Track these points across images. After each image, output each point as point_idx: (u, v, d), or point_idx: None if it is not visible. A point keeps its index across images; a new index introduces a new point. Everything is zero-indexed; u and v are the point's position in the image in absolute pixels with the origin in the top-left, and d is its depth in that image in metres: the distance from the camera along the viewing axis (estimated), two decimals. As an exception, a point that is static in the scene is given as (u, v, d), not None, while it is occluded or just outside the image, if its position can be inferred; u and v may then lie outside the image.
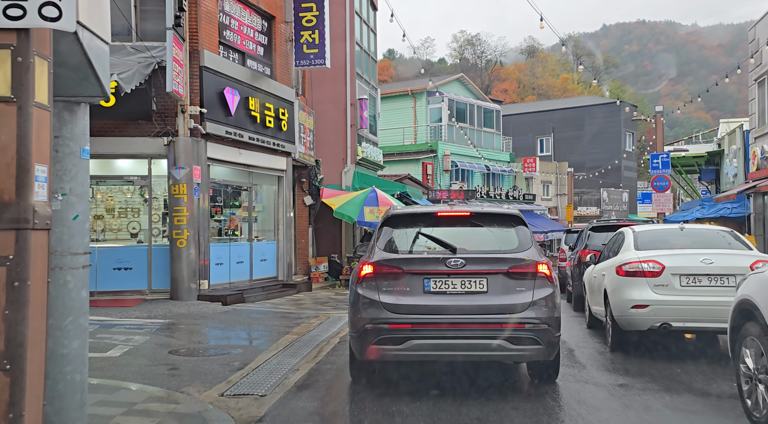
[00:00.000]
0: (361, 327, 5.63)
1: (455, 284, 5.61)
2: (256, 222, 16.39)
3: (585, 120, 51.76)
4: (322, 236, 20.22)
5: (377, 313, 5.57)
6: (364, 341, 5.62)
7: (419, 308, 5.58)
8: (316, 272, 18.74)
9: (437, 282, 5.63)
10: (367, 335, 5.58)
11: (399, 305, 5.57)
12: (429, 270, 5.64)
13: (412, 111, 36.36)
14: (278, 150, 15.98)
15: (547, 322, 5.58)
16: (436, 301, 5.59)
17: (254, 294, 14.23)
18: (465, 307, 5.56)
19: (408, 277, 5.64)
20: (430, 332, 5.54)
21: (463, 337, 5.53)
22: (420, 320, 5.55)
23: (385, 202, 18.27)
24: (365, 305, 5.63)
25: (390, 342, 5.54)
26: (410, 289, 5.62)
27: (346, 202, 18.09)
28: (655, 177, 21.63)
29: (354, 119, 20.57)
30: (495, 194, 35.90)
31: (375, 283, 5.66)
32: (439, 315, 5.56)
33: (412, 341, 5.50)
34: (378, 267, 5.68)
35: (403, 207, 6.86)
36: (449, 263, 5.60)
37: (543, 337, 5.54)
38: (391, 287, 5.64)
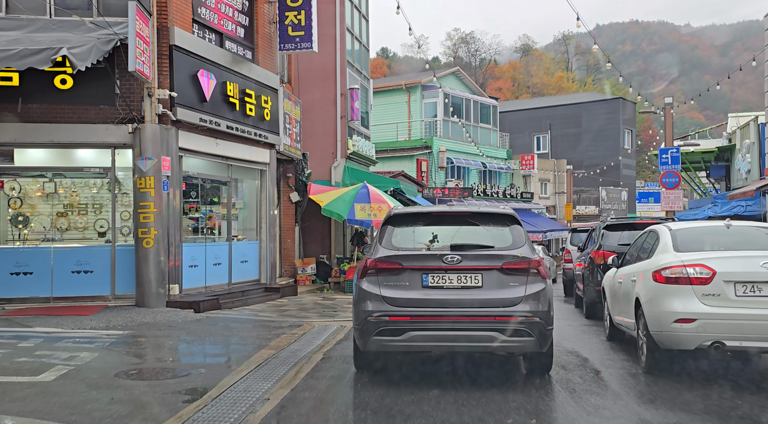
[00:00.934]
0: (363, 319, 5.94)
1: (452, 279, 5.91)
2: (236, 220, 15.03)
3: (583, 117, 50.58)
4: (309, 236, 18.87)
5: (378, 306, 5.88)
6: (366, 333, 5.93)
7: (418, 301, 5.88)
8: (302, 274, 17.39)
9: (435, 277, 5.93)
10: (369, 327, 5.89)
11: (399, 299, 5.89)
12: (427, 266, 5.94)
13: (406, 106, 35.05)
14: (260, 141, 14.62)
15: (539, 315, 5.83)
16: (434, 295, 5.90)
17: (232, 299, 12.86)
18: (461, 301, 5.85)
19: (407, 272, 5.94)
20: (428, 324, 5.84)
21: (459, 329, 5.82)
22: (418, 313, 5.85)
23: (377, 199, 16.96)
24: (368, 299, 5.95)
25: (390, 334, 5.85)
26: (410, 284, 5.93)
27: (335, 199, 16.76)
28: (664, 173, 20.41)
29: (344, 110, 19.23)
30: (492, 192, 34.64)
31: (377, 278, 5.98)
32: (436, 308, 5.85)
33: (411, 332, 5.81)
34: (379, 263, 6.01)
35: (403, 207, 7.16)
36: (446, 260, 5.92)
37: (535, 329, 5.80)
38: (391, 282, 5.95)
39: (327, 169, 19.23)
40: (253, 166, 14.83)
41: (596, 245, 11.99)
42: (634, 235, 11.66)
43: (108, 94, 11.31)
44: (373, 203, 16.75)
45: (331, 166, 19.21)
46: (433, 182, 32.93)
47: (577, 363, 7.42)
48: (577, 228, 18.19)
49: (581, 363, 7.42)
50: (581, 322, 11.50)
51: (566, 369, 7.02)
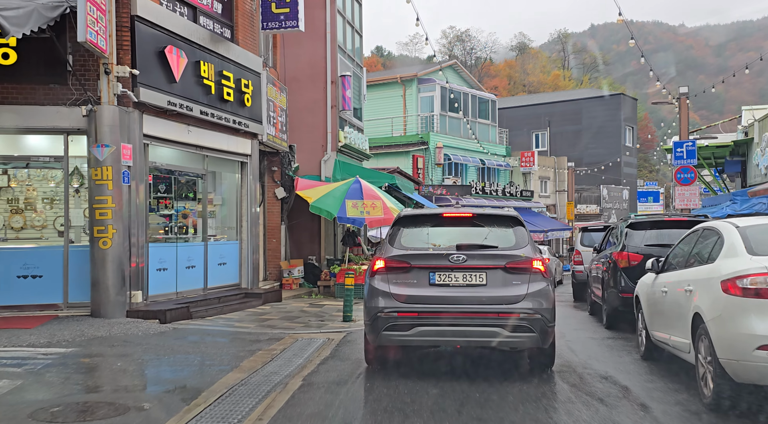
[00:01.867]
0: (373, 315, 6.23)
1: (458, 278, 6.20)
2: (213, 218, 13.54)
3: (583, 114, 49.22)
4: (297, 235, 17.39)
5: (388, 303, 6.16)
6: (376, 328, 6.22)
7: (425, 298, 6.17)
8: (289, 278, 15.90)
9: (441, 275, 6.22)
10: (379, 322, 6.18)
11: (407, 296, 6.17)
12: (434, 265, 6.23)
13: (402, 100, 33.58)
14: (240, 130, 13.13)
15: (541, 312, 6.07)
16: (440, 292, 6.19)
17: (206, 307, 11.37)
18: (466, 298, 6.14)
19: (415, 271, 6.25)
20: (434, 320, 6.11)
21: (463, 324, 6.09)
22: (425, 309, 6.13)
23: (370, 195, 15.49)
24: (378, 296, 6.24)
25: (399, 329, 6.15)
26: (417, 281, 6.22)
27: (324, 195, 15.28)
28: (678, 168, 19.01)
29: (335, 99, 17.75)
30: (491, 190, 33.22)
31: (386, 276, 6.29)
32: (442, 305, 6.13)
33: (418, 327, 6.10)
34: (389, 262, 6.31)
35: (412, 209, 7.79)
36: (452, 259, 6.20)
37: (536, 325, 6.05)
38: (400, 280, 6.24)
39: (316, 163, 17.74)
40: (232, 158, 13.33)
41: (618, 245, 10.55)
42: (663, 234, 10.24)
43: (59, 72, 9.80)
44: (366, 200, 15.29)
45: (320, 159, 17.72)
46: (429, 180, 31.49)
47: (616, 394, 5.96)
48: (588, 227, 16.78)
49: (622, 394, 5.97)
50: (603, 334, 10.06)
51: (607, 404, 5.57)
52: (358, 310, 12.53)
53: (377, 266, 6.40)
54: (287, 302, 13.85)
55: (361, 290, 15.35)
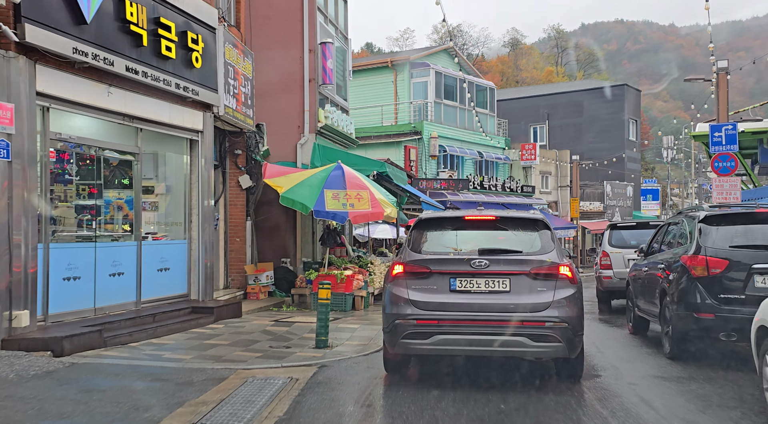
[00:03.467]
0: (391, 322, 6.00)
1: (479, 284, 5.93)
2: (155, 211, 10.66)
3: (584, 106, 46.53)
4: (267, 233, 14.51)
5: (406, 309, 5.96)
6: (394, 336, 5.99)
7: (445, 305, 5.91)
8: (255, 285, 13.00)
9: (462, 281, 5.95)
10: (397, 329, 5.96)
11: (426, 303, 5.94)
12: (455, 270, 5.97)
13: (393, 86, 30.73)
14: (187, 98, 10.26)
15: (568, 321, 5.76)
16: (461, 299, 5.92)
17: (132, 329, 8.48)
18: (488, 305, 5.86)
19: (435, 276, 6.01)
20: (455, 329, 5.86)
21: (485, 333, 5.79)
22: (446, 317, 5.88)
23: (355, 183, 12.65)
24: (396, 302, 6.02)
25: (418, 337, 5.90)
26: (437, 287, 5.98)
27: (298, 184, 12.42)
28: (716, 156, 16.26)
29: (314, 71, 14.86)
30: (489, 185, 30.44)
31: (405, 281, 6.06)
32: (463, 312, 5.87)
33: (438, 336, 5.85)
34: (408, 267, 6.07)
35: (432, 212, 7.63)
36: (474, 264, 5.92)
37: (563, 335, 5.73)
38: (419, 286, 6.01)
39: (291, 148, 14.87)
40: (177, 134, 10.44)
41: (689, 247, 7.74)
42: (754, 231, 7.47)
43: None
44: (350, 190, 12.45)
45: (296, 143, 14.85)
46: (423, 173, 28.66)
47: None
48: (617, 224, 14.00)
49: None
50: (675, 371, 7.23)
51: None
52: (341, 330, 9.68)
53: (396, 271, 6.18)
54: (249, 317, 10.96)
55: (342, 301, 12.48)
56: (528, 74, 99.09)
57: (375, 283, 14.17)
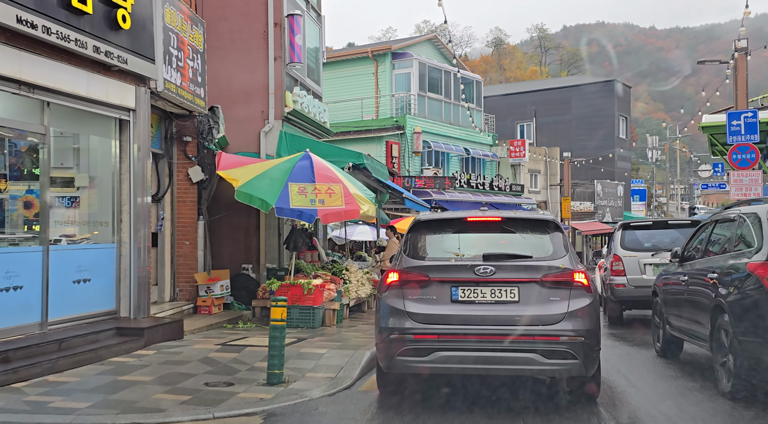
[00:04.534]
0: (386, 337, 5.44)
1: (484, 293, 5.37)
2: (75, 208, 8.60)
3: (572, 102, 44.95)
4: (225, 235, 12.49)
5: (402, 322, 5.38)
6: (389, 352, 5.41)
7: (446, 317, 5.34)
8: (207, 297, 10.95)
9: (465, 291, 5.39)
10: (392, 345, 5.38)
11: (425, 315, 5.37)
12: (457, 278, 5.42)
13: (374, 78, 28.80)
14: (112, 66, 8.23)
15: (584, 335, 5.21)
16: (464, 311, 5.35)
17: (22, 363, 6.42)
18: (495, 317, 5.30)
19: (435, 285, 5.44)
20: (457, 344, 5.29)
21: (492, 349, 5.24)
22: (447, 331, 5.31)
23: (326, 176, 10.68)
24: (390, 315, 5.46)
25: (415, 353, 5.31)
26: (437, 298, 5.42)
27: (257, 177, 10.41)
28: (735, 147, 14.56)
29: (280, 48, 12.86)
30: (476, 184, 28.62)
31: (401, 291, 5.50)
32: (467, 326, 5.31)
33: (439, 352, 5.26)
34: (404, 274, 5.54)
35: (429, 212, 6.90)
36: (478, 271, 5.36)
37: (579, 350, 5.17)
38: (417, 296, 5.45)
39: (253, 136, 12.85)
40: (101, 112, 8.39)
41: (763, 250, 5.84)
42: None
43: None
44: (320, 183, 10.47)
45: (260, 131, 12.83)
46: (406, 170, 26.76)
47: None
48: (630, 223, 12.15)
49: None
50: (744, 418, 5.34)
51: None
52: (303, 357, 7.64)
53: (390, 280, 5.55)
54: (192, 338, 8.91)
55: (310, 316, 10.50)
56: (512, 74, 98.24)
57: (351, 293, 12.19)
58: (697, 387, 6.60)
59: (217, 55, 12.29)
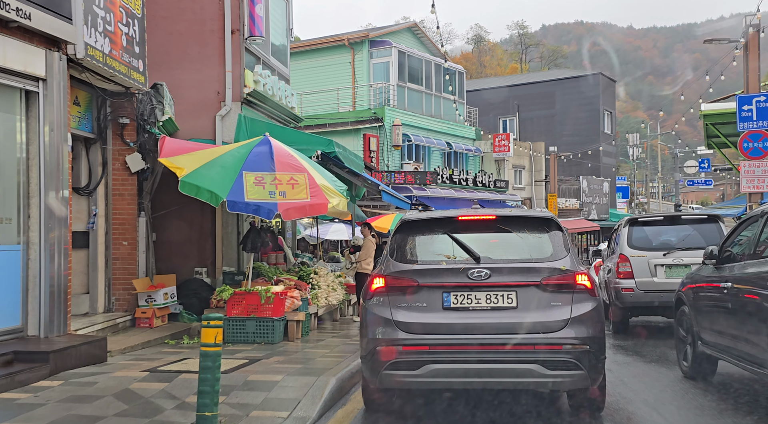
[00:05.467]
0: (371, 349, 4.96)
1: (479, 299, 4.91)
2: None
3: (557, 96, 43.70)
4: (173, 234, 10.84)
5: (389, 333, 4.91)
6: (375, 366, 4.94)
7: (437, 327, 4.88)
8: (147, 308, 9.28)
9: (458, 297, 4.93)
10: (379, 358, 4.90)
11: (414, 324, 4.91)
12: (448, 283, 4.96)
13: (350, 67, 27.20)
14: (10, 22, 6.55)
15: (589, 342, 4.76)
16: (457, 319, 4.89)
17: None
18: (491, 325, 4.84)
19: (424, 291, 4.98)
20: (450, 356, 4.82)
21: (489, 361, 4.79)
22: (438, 342, 4.84)
23: (288, 164, 9.09)
24: (376, 324, 4.98)
25: (404, 367, 4.85)
26: (427, 305, 4.95)
27: (206, 165, 8.79)
28: (746, 135, 13.22)
29: (237, 20, 11.22)
30: (459, 179, 27.15)
31: (387, 298, 5.03)
32: (460, 335, 4.86)
33: (430, 365, 4.79)
34: (390, 280, 5.07)
35: (417, 212, 6.06)
36: (472, 275, 4.91)
37: (584, 360, 4.73)
38: (405, 303, 4.99)
39: (208, 121, 11.20)
40: None
41: None
42: None
43: None
44: (281, 173, 8.88)
45: (215, 115, 11.18)
46: (385, 165, 25.21)
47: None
48: (638, 219, 10.69)
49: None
50: None
51: None
52: (251, 387, 5.92)
53: (375, 286, 5.08)
54: (118, 361, 7.24)
55: (268, 330, 8.89)
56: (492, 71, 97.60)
57: (319, 300, 10.61)
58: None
59: (164, 26, 10.65)
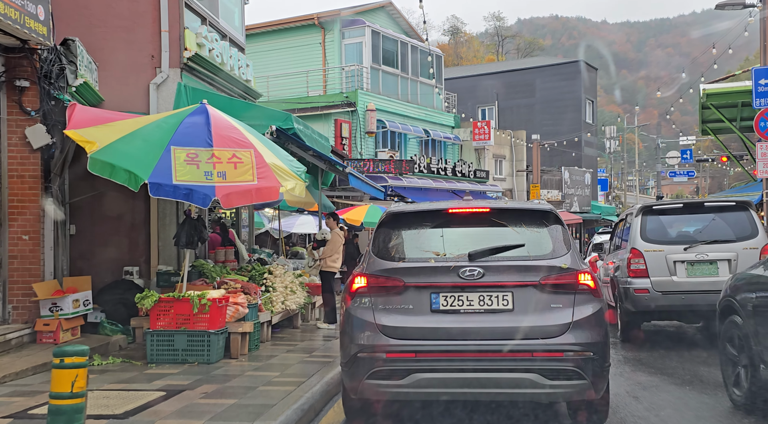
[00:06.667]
0: (352, 356, 4.51)
1: (472, 300, 4.46)
2: None
3: (536, 85, 42.23)
4: (95, 226, 8.95)
5: (372, 338, 4.46)
6: (356, 374, 4.48)
7: (425, 331, 4.42)
8: (52, 318, 7.39)
9: (448, 298, 4.47)
10: (360, 366, 4.45)
11: (399, 328, 4.45)
12: (437, 282, 4.51)
13: (321, 48, 25.32)
14: None
15: (593, 349, 4.30)
16: (447, 322, 4.43)
17: None
18: (485, 330, 4.39)
19: (411, 291, 4.51)
20: (439, 364, 4.37)
21: (482, 370, 4.34)
22: (426, 348, 4.40)
23: (229, 138, 7.30)
24: (357, 328, 4.53)
25: (388, 376, 4.40)
26: (414, 307, 4.49)
27: (123, 138, 6.97)
28: (763, 112, 11.72)
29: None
30: (438, 169, 25.48)
31: (370, 299, 4.58)
32: (451, 341, 4.41)
33: (417, 374, 4.35)
34: (373, 279, 4.61)
35: (403, 204, 5.40)
36: (463, 274, 4.46)
37: (588, 368, 4.27)
38: (389, 305, 4.53)
39: (140, 90, 9.32)
40: None
41: None
42: None
43: None
44: (221, 149, 7.12)
45: (148, 83, 9.30)
46: (358, 153, 23.44)
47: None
48: (652, 206, 9.05)
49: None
50: None
51: None
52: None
53: (357, 286, 4.63)
54: None
55: (204, 346, 7.09)
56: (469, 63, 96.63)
57: (274, 305, 8.84)
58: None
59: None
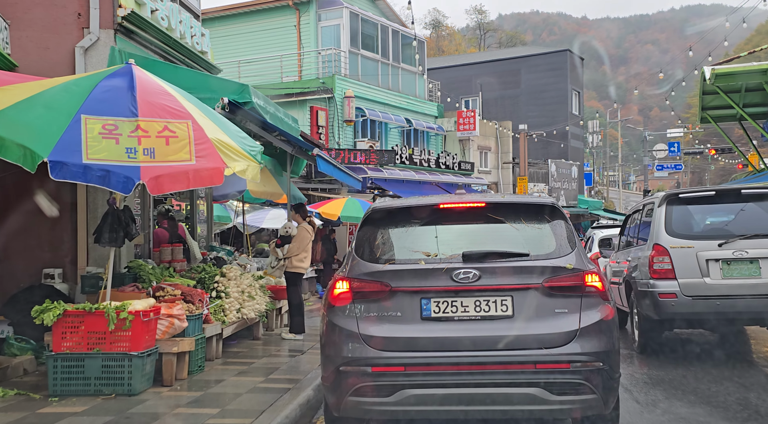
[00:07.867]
0: (334, 370, 4.02)
1: (467, 306, 3.98)
2: None
3: (522, 75, 40.94)
4: (11, 219, 7.34)
5: (356, 350, 3.97)
6: (338, 390, 3.99)
7: (415, 342, 3.94)
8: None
9: (441, 304, 4.00)
10: (343, 381, 3.97)
11: (386, 339, 3.96)
12: (428, 286, 4.02)
13: (296, 31, 23.70)
14: None
15: (603, 358, 3.85)
16: (439, 331, 3.95)
17: None
18: (482, 339, 3.91)
19: (399, 297, 4.02)
20: (430, 379, 3.89)
21: (479, 384, 3.86)
22: (416, 361, 3.92)
23: (160, 106, 5.73)
24: (339, 340, 4.03)
25: (374, 392, 3.90)
26: (402, 314, 4.00)
27: (18, 104, 5.37)
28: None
29: None
30: (420, 160, 24.00)
31: (353, 307, 4.08)
32: (444, 353, 3.92)
33: (406, 390, 3.87)
34: (356, 284, 4.10)
35: (388, 199, 4.81)
36: (457, 276, 3.99)
37: (597, 381, 3.81)
38: (375, 313, 4.03)
39: (63, 55, 7.70)
40: None
41: None
42: None
43: None
44: (147, 120, 5.58)
45: (73, 46, 7.70)
46: (336, 142, 21.89)
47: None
48: (679, 194, 7.60)
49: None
50: None
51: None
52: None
53: (338, 291, 4.12)
54: None
55: (123, 371, 5.52)
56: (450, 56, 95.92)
57: (228, 314, 7.31)
58: None
59: None
